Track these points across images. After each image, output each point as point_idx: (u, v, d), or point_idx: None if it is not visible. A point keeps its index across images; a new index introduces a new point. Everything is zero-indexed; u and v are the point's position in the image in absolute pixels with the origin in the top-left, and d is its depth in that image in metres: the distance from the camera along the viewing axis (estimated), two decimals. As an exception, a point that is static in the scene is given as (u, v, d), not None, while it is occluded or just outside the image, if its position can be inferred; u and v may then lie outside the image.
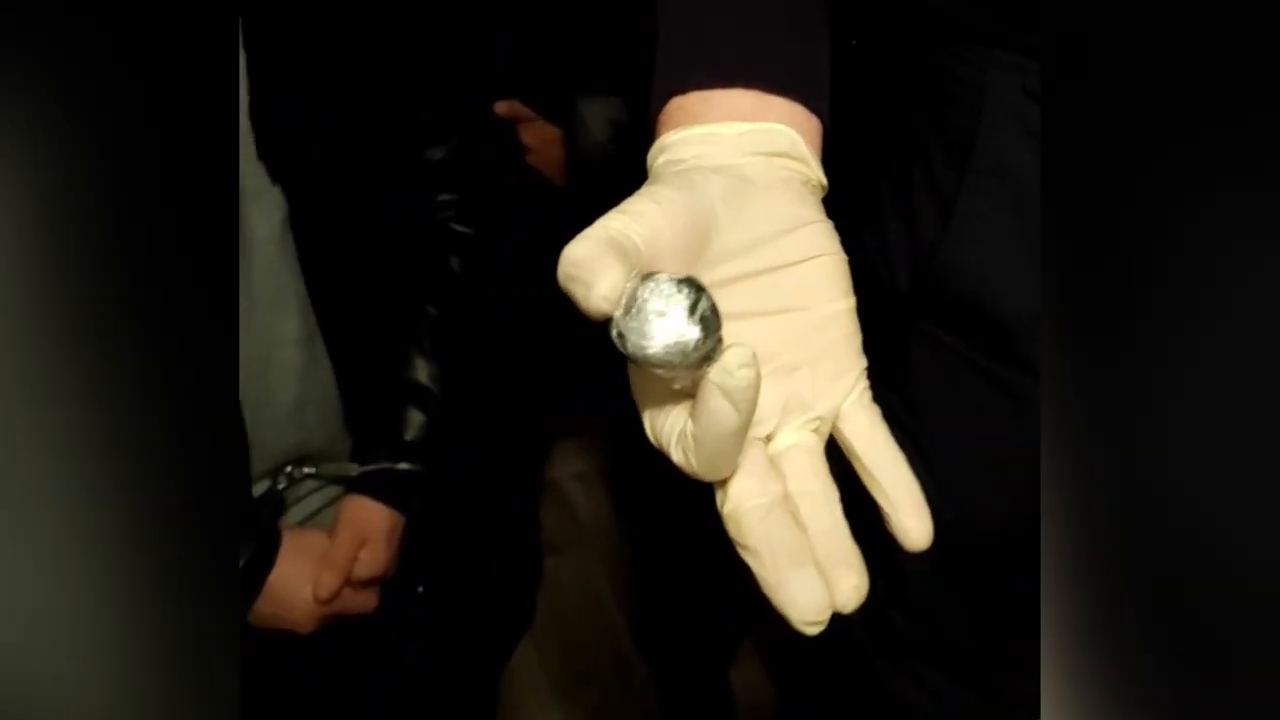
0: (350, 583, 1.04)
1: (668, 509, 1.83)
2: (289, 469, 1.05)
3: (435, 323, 1.09)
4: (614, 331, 0.41)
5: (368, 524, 1.06)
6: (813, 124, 0.51)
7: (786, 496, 0.45)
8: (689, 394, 0.43)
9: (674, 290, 0.40)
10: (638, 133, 1.15)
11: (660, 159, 0.50)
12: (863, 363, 0.49)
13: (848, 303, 0.48)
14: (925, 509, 0.46)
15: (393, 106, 1.01)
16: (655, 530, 1.90)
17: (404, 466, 1.07)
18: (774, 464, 0.46)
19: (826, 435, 0.48)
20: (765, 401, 0.45)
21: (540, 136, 1.28)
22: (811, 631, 0.43)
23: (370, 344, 1.05)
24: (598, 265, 0.40)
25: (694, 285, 0.41)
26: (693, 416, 0.42)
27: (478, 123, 1.10)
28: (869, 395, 0.49)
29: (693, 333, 0.40)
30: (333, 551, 1.04)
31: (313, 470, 1.06)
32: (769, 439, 0.47)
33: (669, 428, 0.45)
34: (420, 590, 1.15)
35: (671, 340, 0.40)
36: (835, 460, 0.48)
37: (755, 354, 0.40)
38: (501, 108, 1.26)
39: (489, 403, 1.19)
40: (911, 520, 0.46)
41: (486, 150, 1.12)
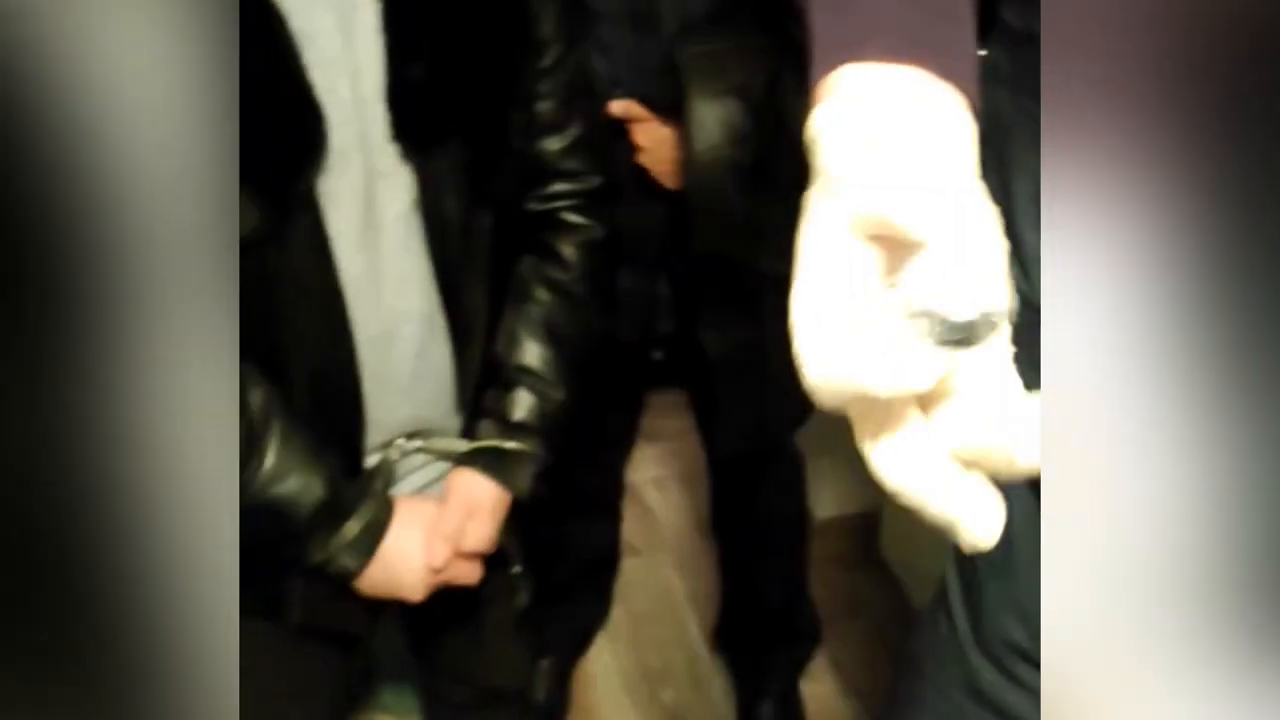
0: (457, 553, 1.08)
1: (741, 516, 1.85)
2: (400, 441, 1.09)
3: (547, 309, 1.12)
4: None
5: (475, 497, 1.10)
6: (969, 109, 0.53)
7: None
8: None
9: None
10: (754, 134, 1.18)
11: (826, 130, 0.51)
12: None
13: None
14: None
15: (516, 99, 1.05)
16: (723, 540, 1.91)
17: (512, 445, 1.11)
18: None
19: None
20: None
21: (654, 136, 1.30)
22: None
23: (485, 325, 1.09)
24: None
25: None
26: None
27: (594, 116, 1.14)
28: None
29: None
30: (443, 521, 1.08)
31: (424, 445, 1.10)
32: None
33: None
34: (517, 571, 1.18)
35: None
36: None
37: None
38: (617, 107, 1.29)
39: (585, 397, 1.22)
40: None
41: (602, 144, 1.16)
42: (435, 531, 1.07)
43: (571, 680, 1.93)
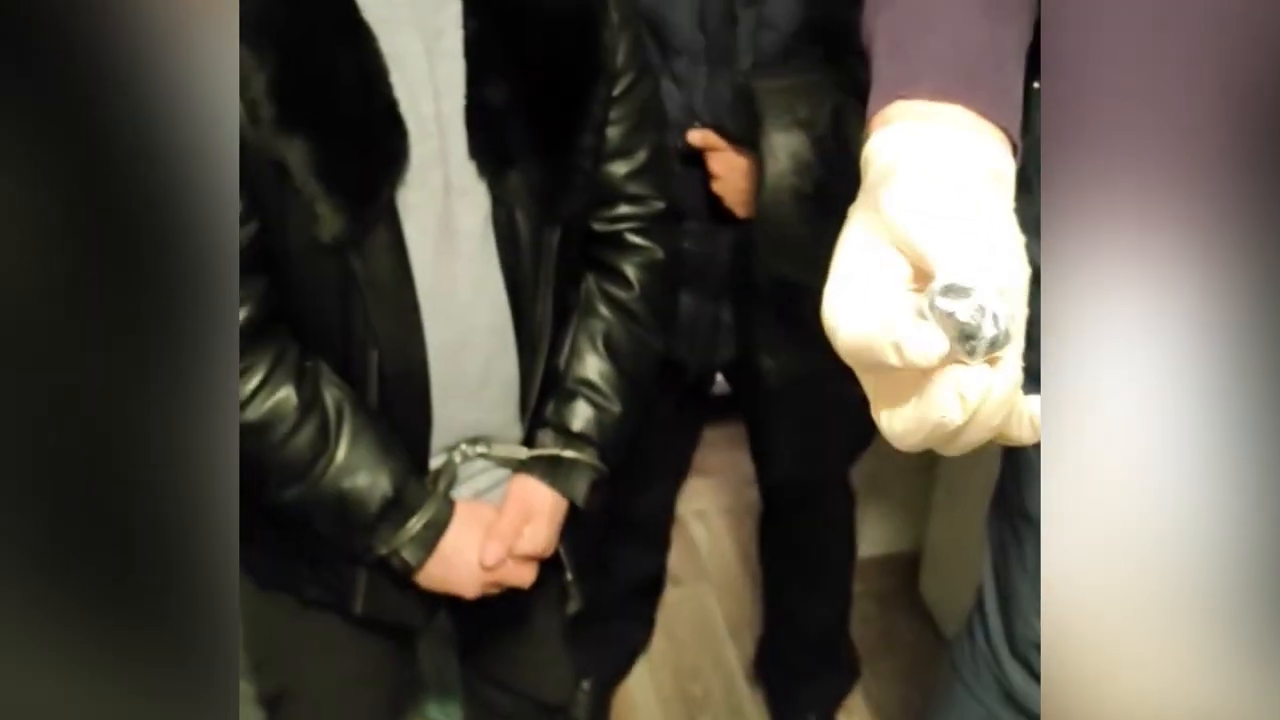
0: (512, 556, 1.12)
1: (790, 548, 1.87)
2: (464, 446, 1.14)
3: (608, 325, 1.17)
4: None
5: (533, 503, 1.14)
6: (1010, 149, 0.58)
7: None
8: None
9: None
10: (819, 164, 1.22)
11: (882, 147, 0.56)
12: None
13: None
14: None
15: (588, 124, 1.10)
16: (769, 570, 1.93)
17: (570, 454, 1.15)
18: None
19: None
20: None
21: (728, 165, 1.32)
22: None
23: (549, 338, 1.13)
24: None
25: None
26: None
27: (660, 143, 1.18)
28: None
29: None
30: (500, 524, 1.12)
31: (486, 450, 1.15)
32: None
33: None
34: (569, 578, 1.22)
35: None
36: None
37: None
38: (695, 136, 1.32)
39: (644, 415, 1.26)
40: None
41: (666, 170, 1.20)
42: (493, 533, 1.12)
43: (611, 703, 1.96)
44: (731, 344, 1.46)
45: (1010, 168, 0.56)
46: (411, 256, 1.03)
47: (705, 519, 2.33)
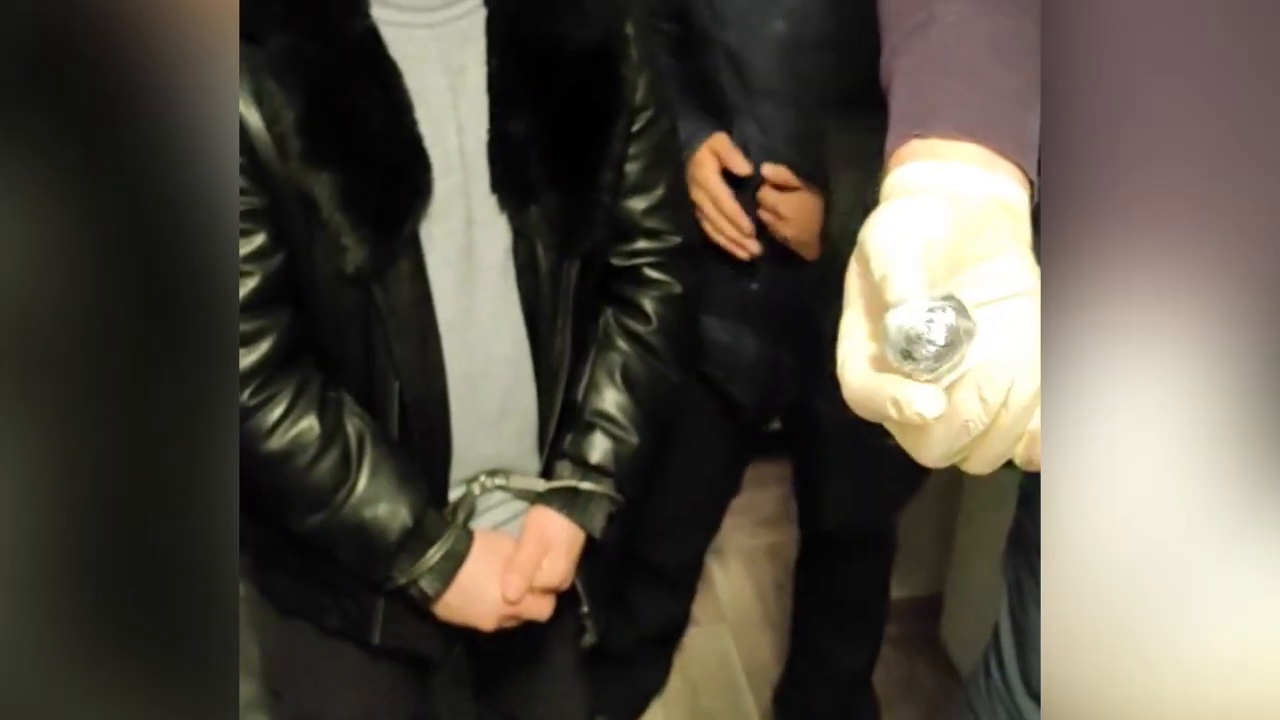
0: (530, 589, 1.13)
1: (827, 594, 1.86)
2: (483, 478, 1.15)
3: (626, 358, 1.18)
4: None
5: (551, 535, 1.15)
6: (1026, 188, 0.59)
7: None
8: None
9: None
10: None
11: (898, 183, 0.58)
12: None
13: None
14: None
15: (608, 159, 1.11)
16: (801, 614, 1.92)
17: (587, 486, 1.16)
18: None
19: None
20: None
21: (799, 206, 1.32)
22: None
23: (567, 371, 1.14)
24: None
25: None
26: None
27: (678, 179, 1.20)
28: None
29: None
30: (520, 557, 1.13)
31: (504, 482, 1.16)
32: None
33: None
34: (585, 610, 1.22)
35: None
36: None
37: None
38: (769, 170, 1.32)
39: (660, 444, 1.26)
40: None
41: (683, 205, 1.21)
42: (511, 565, 1.12)
43: None
44: (792, 387, 1.46)
45: (1024, 202, 0.58)
46: (433, 288, 1.04)
47: (723, 559, 2.32)
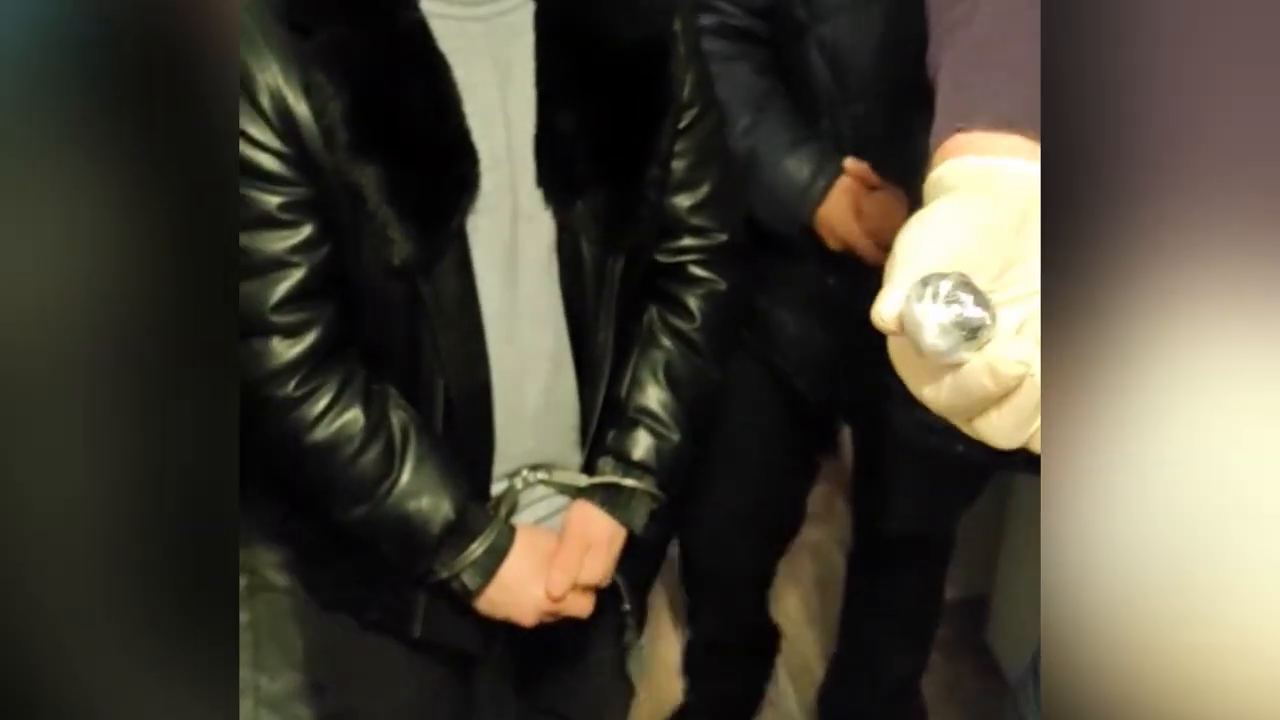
0: (573, 585, 1.13)
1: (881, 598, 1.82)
2: (525, 472, 1.15)
3: (669, 355, 1.18)
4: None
5: (593, 531, 1.15)
6: None
7: None
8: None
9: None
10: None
11: (942, 179, 0.57)
12: None
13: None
14: None
15: (654, 156, 1.11)
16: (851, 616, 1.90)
17: (629, 483, 1.16)
18: None
19: None
20: None
21: (880, 206, 1.30)
22: None
23: (610, 367, 1.14)
24: None
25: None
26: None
27: (724, 176, 1.19)
28: None
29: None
30: (563, 554, 1.13)
31: (546, 477, 1.16)
32: None
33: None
34: (627, 608, 1.22)
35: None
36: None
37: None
38: (851, 165, 1.30)
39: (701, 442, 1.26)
40: None
41: (729, 203, 1.20)
42: (554, 562, 1.12)
43: None
44: (859, 387, 1.44)
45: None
46: (478, 281, 1.04)
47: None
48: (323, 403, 1.03)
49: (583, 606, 1.15)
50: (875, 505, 1.65)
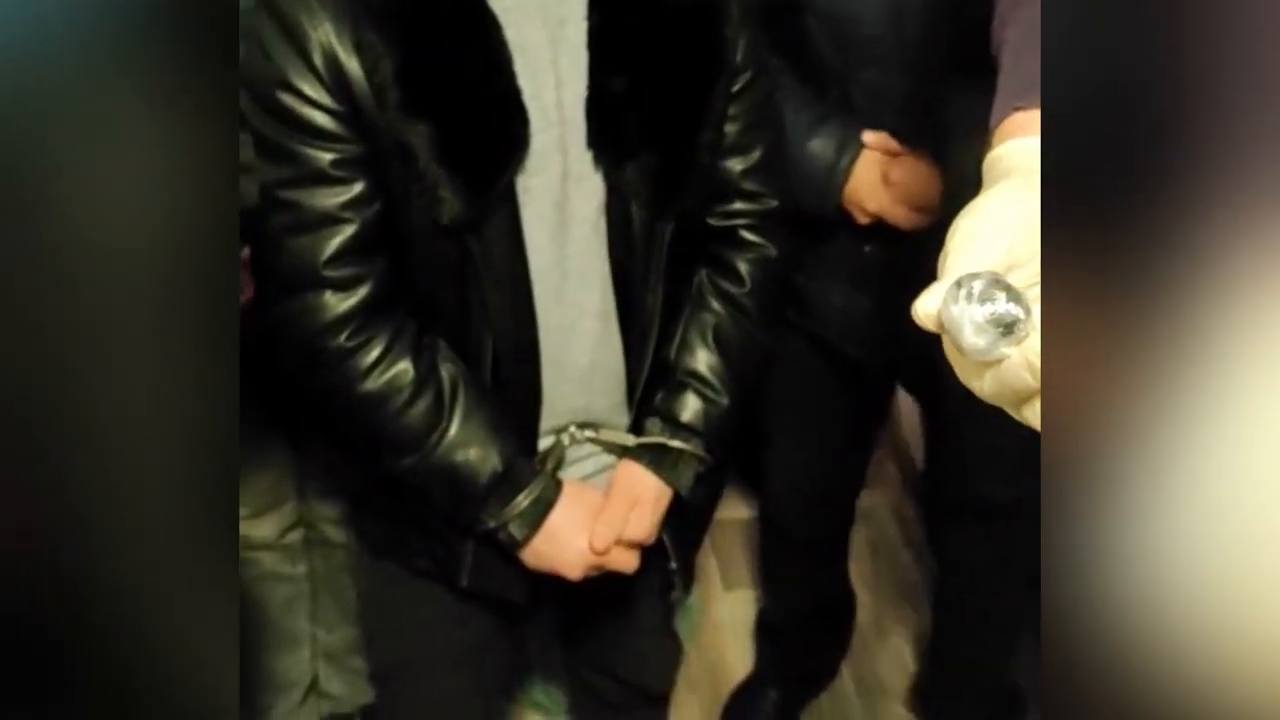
0: (618, 541, 1.14)
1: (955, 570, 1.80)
2: (573, 429, 1.16)
3: (719, 319, 1.18)
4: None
5: (639, 490, 1.16)
6: None
7: None
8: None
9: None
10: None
11: (999, 159, 0.57)
12: None
13: None
14: None
15: (706, 119, 1.11)
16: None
17: (677, 444, 1.17)
18: None
19: None
20: None
21: (909, 171, 1.30)
22: None
23: (657, 329, 1.15)
24: None
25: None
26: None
27: (776, 141, 1.19)
28: None
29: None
30: (609, 510, 1.14)
31: (594, 435, 1.17)
32: None
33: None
34: (673, 567, 1.23)
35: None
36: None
37: None
38: (871, 139, 1.30)
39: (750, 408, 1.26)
40: None
41: (781, 168, 1.20)
42: (603, 519, 1.14)
43: (799, 718, 1.94)
44: (915, 351, 1.43)
45: None
46: (527, 240, 1.05)
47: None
48: (374, 354, 1.05)
49: (627, 562, 1.17)
50: (947, 470, 1.64)
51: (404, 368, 1.06)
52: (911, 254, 1.35)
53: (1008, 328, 0.47)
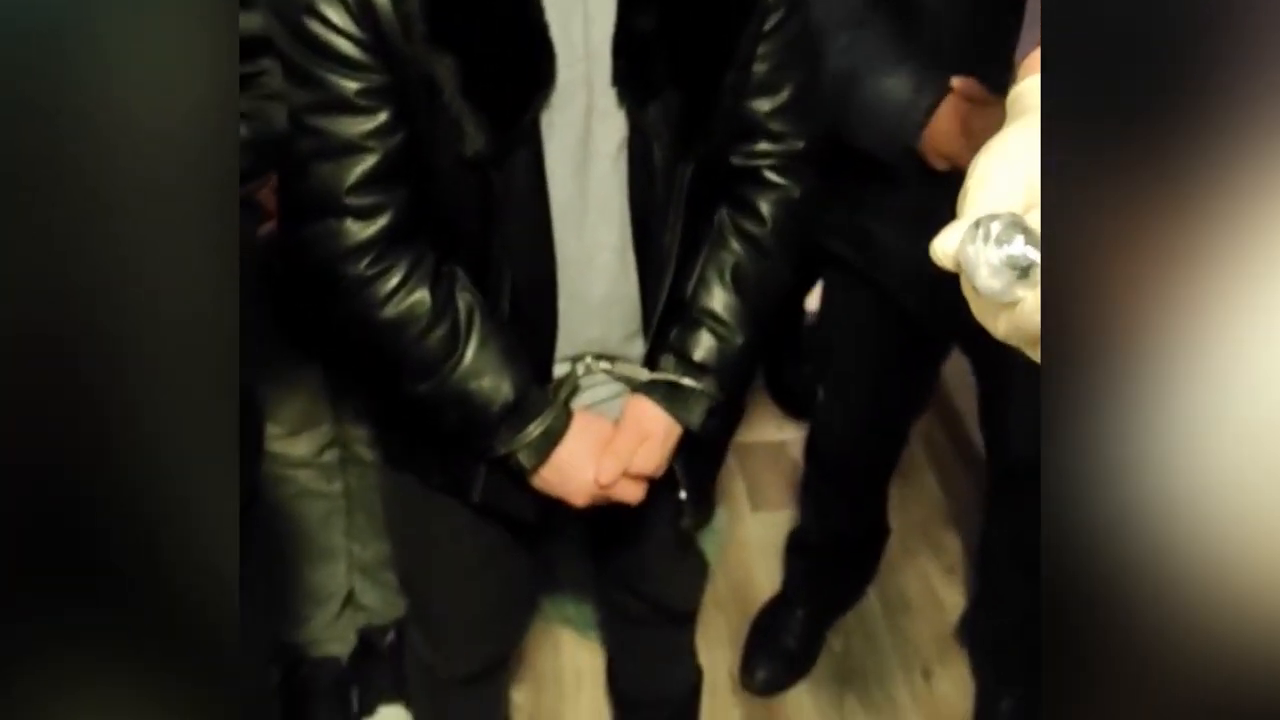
0: (625, 474, 1.17)
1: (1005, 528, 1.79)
2: (588, 359, 1.19)
3: (738, 259, 1.19)
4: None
5: (649, 425, 1.19)
6: None
7: None
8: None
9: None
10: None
11: (1021, 96, 0.55)
12: None
13: None
14: None
15: (735, 59, 1.10)
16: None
17: (688, 382, 1.19)
18: None
19: None
20: None
21: (992, 122, 1.25)
22: None
23: (674, 266, 1.16)
24: None
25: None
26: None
27: (806, 85, 1.17)
28: None
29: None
30: (616, 443, 1.17)
31: (608, 367, 1.20)
32: None
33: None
34: (684, 496, 1.26)
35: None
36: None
37: None
38: (959, 84, 1.26)
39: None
40: None
41: (809, 108, 1.19)
42: (609, 451, 1.17)
43: (825, 636, 1.99)
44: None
45: None
46: (548, 175, 1.07)
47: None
48: (393, 282, 1.07)
49: (633, 494, 1.20)
50: (1000, 431, 1.63)
51: (421, 296, 1.08)
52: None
53: (1024, 271, 0.46)
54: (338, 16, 0.99)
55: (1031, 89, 0.54)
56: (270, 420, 1.48)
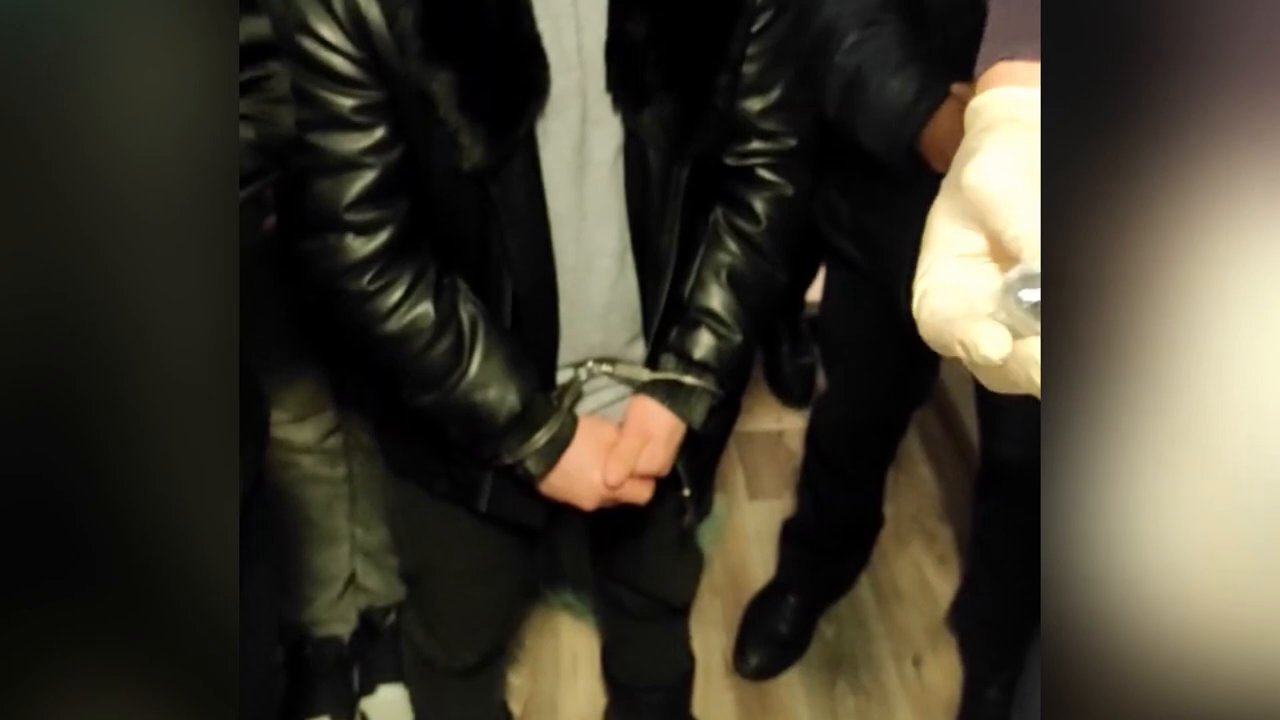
0: (631, 475, 1.19)
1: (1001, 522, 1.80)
2: (590, 364, 1.20)
3: (734, 258, 1.21)
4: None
5: (652, 425, 1.20)
6: None
7: None
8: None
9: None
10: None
11: (982, 109, 0.56)
12: None
13: None
14: None
15: (726, 60, 1.11)
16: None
17: (690, 380, 1.20)
18: None
19: None
20: None
21: None
22: None
23: (673, 267, 1.17)
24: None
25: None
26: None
27: (795, 80, 1.18)
28: None
29: None
30: (622, 445, 1.19)
31: (610, 370, 1.21)
32: None
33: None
34: (686, 493, 1.28)
35: None
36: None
37: None
38: (959, 88, 1.26)
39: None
40: None
41: (799, 106, 1.20)
42: (615, 454, 1.18)
43: (818, 623, 2.03)
44: None
45: None
46: (546, 183, 1.07)
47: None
48: (395, 297, 1.08)
49: (640, 494, 1.21)
50: (991, 429, 1.65)
51: (425, 310, 1.09)
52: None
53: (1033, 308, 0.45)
54: (332, 34, 0.99)
55: (989, 102, 0.55)
56: (275, 406, 1.50)
